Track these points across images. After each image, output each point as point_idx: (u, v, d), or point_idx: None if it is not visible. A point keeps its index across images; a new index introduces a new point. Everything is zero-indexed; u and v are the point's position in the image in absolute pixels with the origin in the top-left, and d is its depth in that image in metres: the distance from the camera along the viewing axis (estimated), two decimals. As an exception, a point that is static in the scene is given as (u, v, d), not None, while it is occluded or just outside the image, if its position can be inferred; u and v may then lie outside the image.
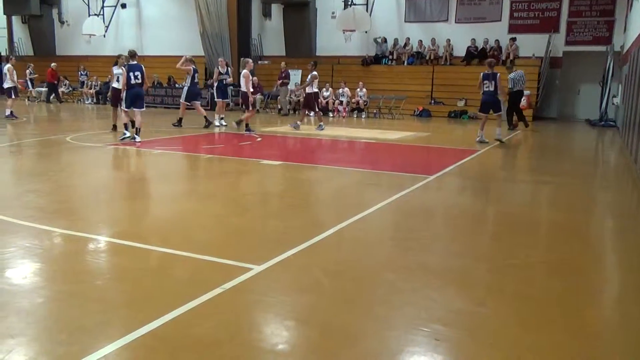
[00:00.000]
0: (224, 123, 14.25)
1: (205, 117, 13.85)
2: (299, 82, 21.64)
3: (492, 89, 11.77)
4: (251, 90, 12.81)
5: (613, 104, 17.75)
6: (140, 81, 10.67)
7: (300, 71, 22.80)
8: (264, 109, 21.00)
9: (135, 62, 10.75)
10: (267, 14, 24.55)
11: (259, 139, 11.87)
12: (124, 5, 26.67)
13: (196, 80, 14.34)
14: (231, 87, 15.79)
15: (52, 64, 23.32)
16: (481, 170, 8.69)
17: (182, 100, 14.28)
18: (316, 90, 14.06)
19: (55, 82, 23.58)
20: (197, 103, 14.38)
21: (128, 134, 10.70)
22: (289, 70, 21.90)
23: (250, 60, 13.22)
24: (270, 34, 24.69)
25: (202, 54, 22.76)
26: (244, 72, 12.60)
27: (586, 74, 19.97)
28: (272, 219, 5.40)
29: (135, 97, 10.72)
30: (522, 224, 5.44)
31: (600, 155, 12.39)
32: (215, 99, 14.85)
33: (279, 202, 6.37)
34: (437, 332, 2.93)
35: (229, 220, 5.30)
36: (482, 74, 11.94)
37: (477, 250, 4.57)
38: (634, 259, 4.51)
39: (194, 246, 4.30)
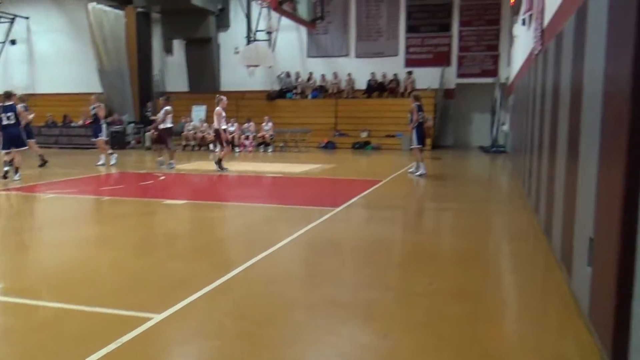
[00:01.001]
0: (102, 163, 13.68)
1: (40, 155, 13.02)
2: (203, 118, 21.42)
3: (422, 119, 11.84)
4: (223, 127, 12.41)
5: (502, 131, 19.06)
6: (13, 122, 10.54)
7: (204, 106, 22.59)
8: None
9: (9, 103, 10.56)
10: (168, 49, 24.18)
11: (162, 178, 11.51)
12: (13, 42, 25.25)
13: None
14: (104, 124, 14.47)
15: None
16: (386, 200, 8.91)
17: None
18: (170, 125, 13.23)
19: None
20: (32, 141, 13.00)
21: (16, 177, 10.22)
22: (193, 106, 21.73)
23: (224, 98, 12.67)
24: (172, 69, 24.32)
25: (101, 91, 21.92)
26: (217, 109, 12.25)
27: (477, 104, 21.36)
28: (174, 262, 5.18)
29: (10, 137, 10.57)
30: (425, 252, 5.60)
31: (494, 180, 13.16)
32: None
33: (182, 243, 6.15)
34: (344, 370, 2.89)
35: (126, 266, 5.01)
36: (416, 105, 11.69)
37: (382, 281, 4.63)
38: (527, 281, 4.76)
39: (88, 298, 4.01)
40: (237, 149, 19.51)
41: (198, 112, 22.37)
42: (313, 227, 6.55)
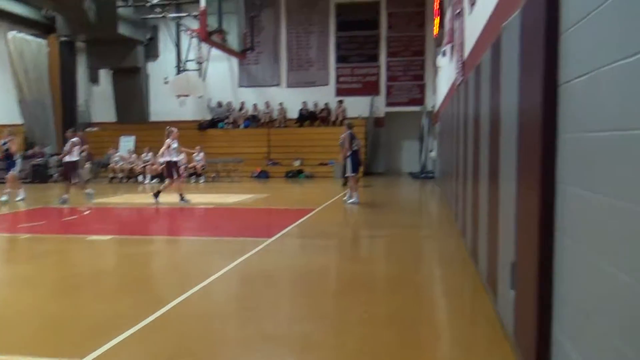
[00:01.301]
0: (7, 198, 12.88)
1: None
2: (133, 149, 20.86)
3: (356, 147, 11.87)
4: (171, 159, 12.10)
5: (431, 157, 19.70)
6: None
7: (133, 137, 22.04)
8: (94, 179, 19.72)
9: None
10: (94, 79, 23.54)
11: (87, 212, 11.03)
12: None
13: None
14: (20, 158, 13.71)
15: None
16: (320, 229, 8.93)
17: None
18: (76, 158, 12.61)
19: None
20: None
21: None
22: (121, 136, 21.14)
23: (175, 130, 12.33)
24: (99, 99, 23.66)
25: (22, 122, 20.94)
26: (167, 141, 12.00)
27: (406, 131, 22.03)
28: (98, 303, 4.93)
29: None
30: (359, 280, 5.62)
31: (424, 206, 13.52)
32: None
33: (108, 282, 5.87)
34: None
35: (46, 309, 4.71)
36: (349, 133, 11.69)
37: (317, 311, 4.60)
38: (457, 305, 4.87)
39: (2, 345, 3.73)
40: (167, 181, 19.06)
41: (126, 143, 21.78)
42: (247, 258, 6.45)
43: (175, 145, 12.15)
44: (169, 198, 13.28)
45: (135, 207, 12.27)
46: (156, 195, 12.23)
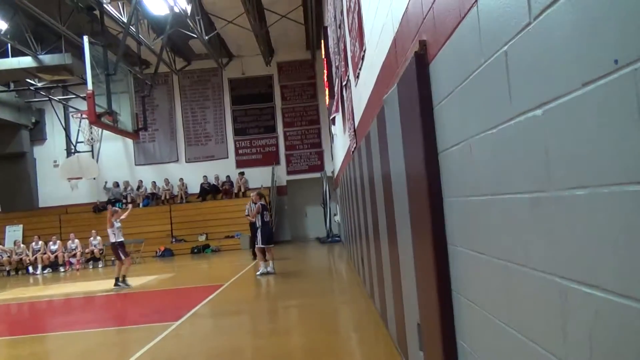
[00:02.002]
0: None
1: None
2: (20, 239, 19.41)
3: (268, 219, 11.80)
4: (116, 240, 11.53)
5: (335, 221, 20.06)
6: None
7: (20, 226, 20.59)
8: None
9: None
10: (-27, 167, 21.92)
11: (-31, 315, 9.99)
12: None
13: None
14: None
15: None
16: (230, 305, 8.69)
17: None
18: None
19: None
20: None
21: None
22: (7, 227, 19.66)
23: (119, 209, 12.41)
24: (-21, 189, 21.96)
25: None
26: (111, 221, 11.56)
27: (309, 197, 22.38)
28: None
29: None
30: (275, 357, 5.49)
31: (333, 271, 13.61)
32: None
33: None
34: None
35: None
36: (259, 204, 11.57)
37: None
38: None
39: None
40: (62, 269, 17.85)
41: (13, 233, 20.27)
42: (153, 346, 6.10)
43: (118, 225, 11.59)
44: (64, 289, 12.42)
45: (27, 301, 11.27)
46: (121, 281, 11.66)
